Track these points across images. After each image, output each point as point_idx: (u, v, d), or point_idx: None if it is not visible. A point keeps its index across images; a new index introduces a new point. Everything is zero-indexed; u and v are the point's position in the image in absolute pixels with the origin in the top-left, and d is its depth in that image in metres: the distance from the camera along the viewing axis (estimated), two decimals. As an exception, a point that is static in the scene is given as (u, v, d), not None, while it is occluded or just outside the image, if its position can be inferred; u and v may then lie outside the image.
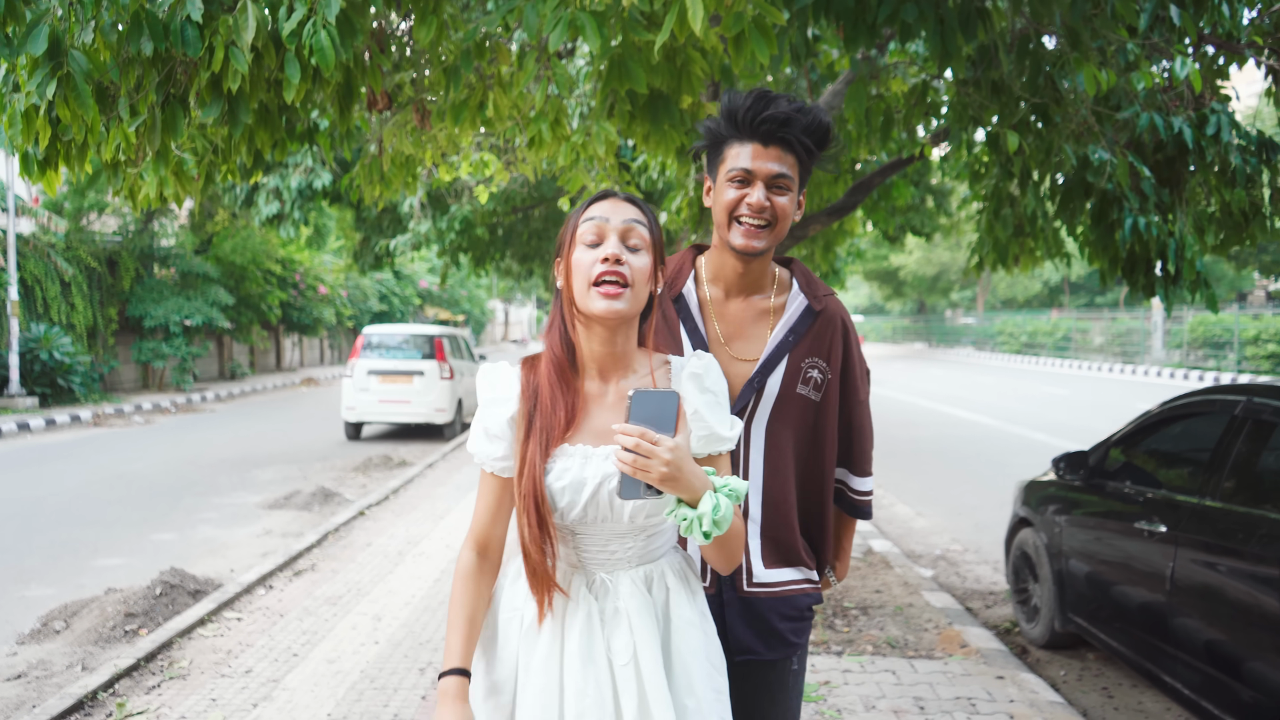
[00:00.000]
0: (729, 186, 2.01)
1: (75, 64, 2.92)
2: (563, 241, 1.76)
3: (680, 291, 2.13)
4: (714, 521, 1.58)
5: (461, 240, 14.35)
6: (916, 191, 12.08)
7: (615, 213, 1.71)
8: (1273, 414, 3.71)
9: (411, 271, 40.85)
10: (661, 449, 1.56)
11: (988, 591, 6.41)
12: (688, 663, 1.75)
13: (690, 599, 1.81)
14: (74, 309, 18.99)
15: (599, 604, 1.73)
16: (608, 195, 1.75)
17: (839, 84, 5.32)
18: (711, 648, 1.82)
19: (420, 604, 5.81)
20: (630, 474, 1.58)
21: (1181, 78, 3.90)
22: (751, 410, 2.07)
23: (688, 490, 1.60)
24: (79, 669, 4.85)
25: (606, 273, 1.66)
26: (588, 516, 1.71)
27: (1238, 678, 3.42)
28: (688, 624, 1.77)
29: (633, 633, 1.70)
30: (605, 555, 1.76)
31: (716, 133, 2.04)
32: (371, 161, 5.49)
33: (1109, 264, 4.90)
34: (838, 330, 2.14)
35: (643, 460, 1.56)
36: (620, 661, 1.69)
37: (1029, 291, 50.38)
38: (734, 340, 2.10)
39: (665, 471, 1.56)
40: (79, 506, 9.05)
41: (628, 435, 1.57)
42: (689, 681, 1.73)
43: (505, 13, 3.48)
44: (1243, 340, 24.53)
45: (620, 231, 1.70)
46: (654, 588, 1.78)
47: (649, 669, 1.68)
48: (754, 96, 1.97)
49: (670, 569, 1.82)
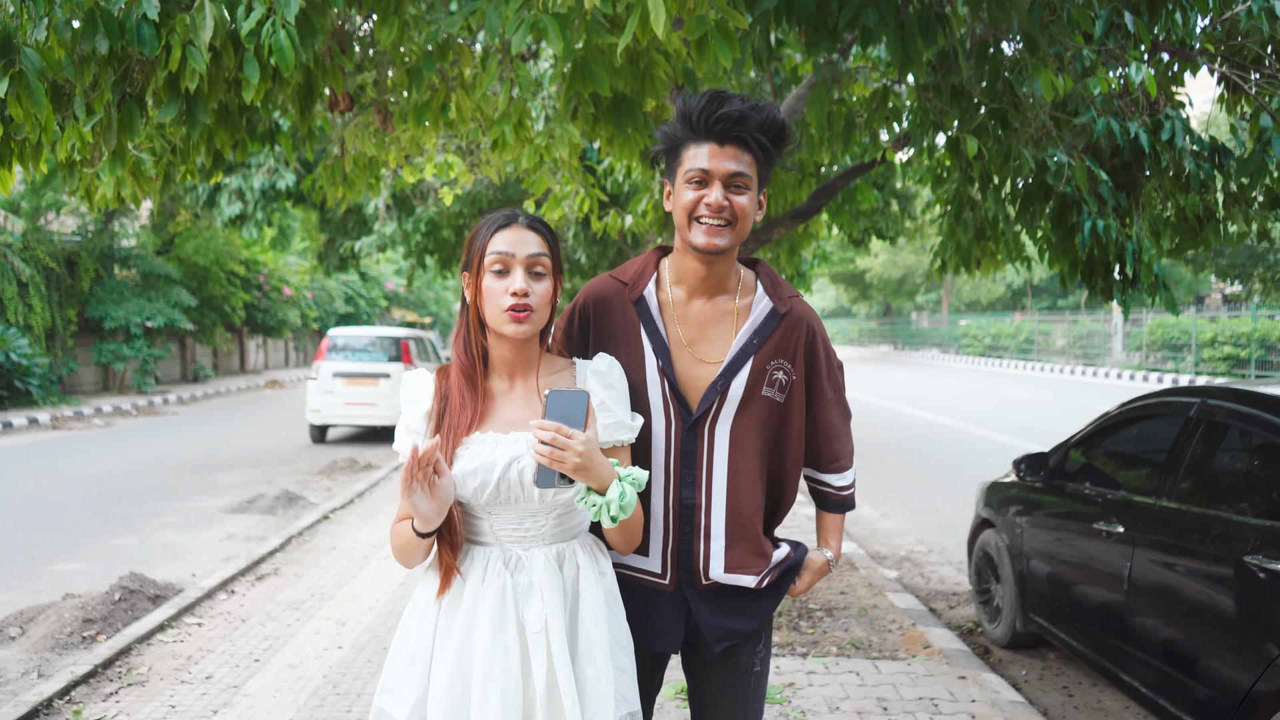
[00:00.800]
0: (687, 188, 2.00)
1: (28, 61, 2.87)
2: (469, 261, 1.95)
3: (641, 294, 2.12)
4: (620, 507, 1.78)
5: (427, 242, 14.28)
6: (881, 195, 12.18)
7: (520, 247, 1.90)
8: (1226, 416, 3.77)
9: (378, 273, 40.58)
10: (575, 442, 1.74)
11: (951, 592, 6.46)
12: (590, 635, 1.90)
13: (598, 578, 1.96)
14: (31, 310, 18.67)
15: (513, 578, 1.90)
16: (511, 221, 1.92)
17: (802, 88, 5.35)
18: (617, 626, 1.97)
19: (384, 608, 5.76)
20: (547, 464, 1.75)
21: (1137, 83, 3.96)
22: (715, 412, 2.07)
23: (596, 479, 1.79)
24: (34, 676, 4.76)
25: (515, 305, 1.87)
26: (500, 496, 1.88)
27: (1193, 676, 3.47)
28: (593, 599, 1.93)
29: (544, 604, 1.88)
30: (520, 533, 1.93)
31: (673, 136, 2.04)
32: (334, 163, 5.45)
33: (1069, 267, 4.96)
34: (803, 332, 2.13)
35: (558, 453, 1.74)
36: (533, 630, 1.87)
37: (992, 294, 50.90)
38: (697, 343, 2.10)
39: (578, 462, 1.75)
40: (36, 511, 8.89)
41: (544, 430, 1.75)
42: (590, 652, 1.89)
43: (468, 14, 3.46)
44: (1200, 343, 24.94)
45: (525, 264, 1.90)
46: (565, 565, 1.94)
47: (556, 637, 1.86)
48: (708, 97, 1.97)
49: (581, 548, 1.98)
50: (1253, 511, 3.46)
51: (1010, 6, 3.63)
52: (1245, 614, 3.23)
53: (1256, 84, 4.73)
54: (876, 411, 18.57)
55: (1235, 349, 23.58)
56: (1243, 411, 3.70)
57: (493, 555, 1.92)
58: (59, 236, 20.16)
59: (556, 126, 4.52)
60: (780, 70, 6.48)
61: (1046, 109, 4.54)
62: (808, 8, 3.39)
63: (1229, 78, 4.79)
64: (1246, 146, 4.95)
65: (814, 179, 7.71)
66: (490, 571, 1.90)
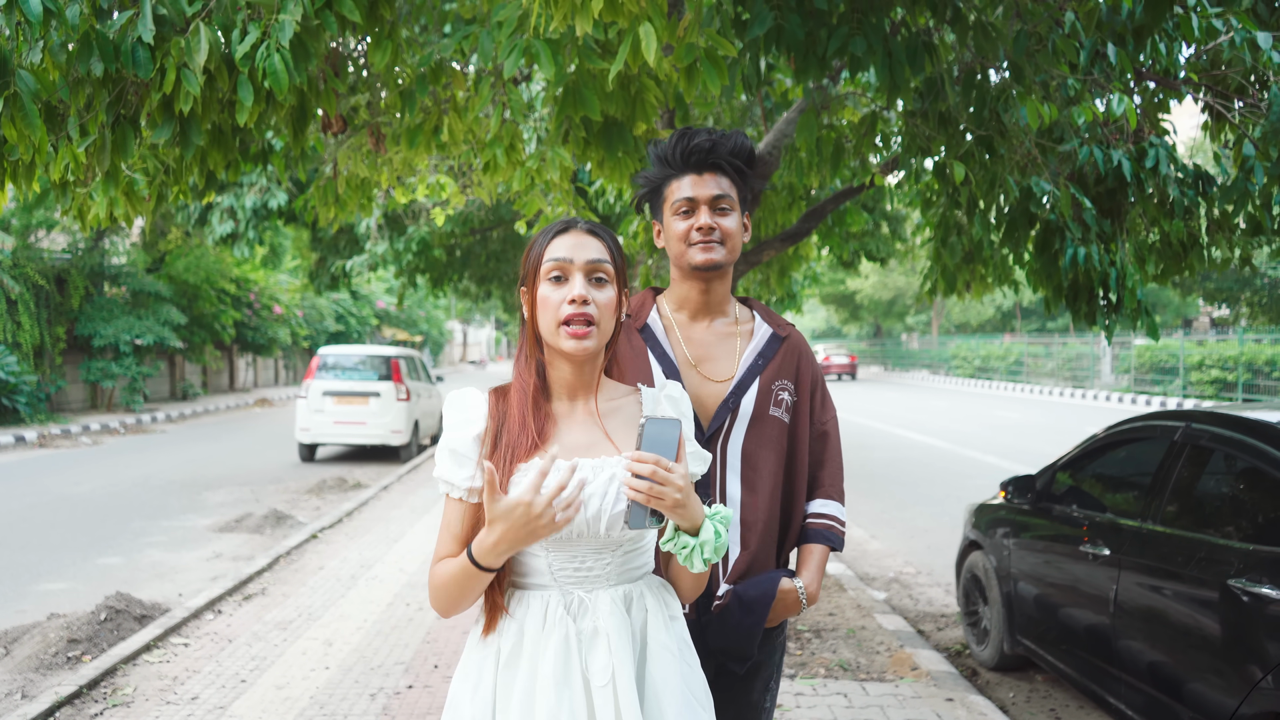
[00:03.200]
0: (676, 219, 2.13)
1: (22, 84, 2.88)
2: (526, 272, 1.77)
3: (645, 322, 2.20)
4: (715, 549, 1.61)
5: (419, 261, 14.29)
6: (871, 217, 12.23)
7: (579, 252, 1.72)
8: (1210, 440, 3.80)
9: (369, 292, 40.54)
10: (675, 476, 1.57)
11: (939, 614, 6.47)
12: (659, 689, 1.70)
13: (667, 624, 1.76)
14: (20, 327, 18.59)
15: (576, 624, 1.68)
16: (570, 227, 1.75)
17: (791, 112, 5.41)
18: (693, 679, 1.76)
19: (372, 628, 5.74)
20: (644, 502, 1.57)
21: (1118, 114, 4.02)
22: (726, 431, 2.11)
23: (690, 518, 1.61)
24: (18, 697, 4.73)
25: (574, 315, 1.68)
26: (563, 533, 1.67)
27: (1178, 699, 3.49)
28: (663, 648, 1.72)
29: (611, 653, 1.66)
30: (583, 573, 1.71)
31: (654, 179, 2.17)
32: (326, 183, 5.47)
33: (1053, 292, 5.01)
34: (802, 359, 2.23)
35: (658, 488, 1.56)
36: (599, 683, 1.65)
37: (982, 316, 51.10)
38: (703, 362, 2.16)
39: (678, 499, 1.57)
40: (21, 529, 8.84)
41: (642, 463, 1.57)
42: (659, 707, 1.68)
43: (461, 38, 3.51)
44: (1188, 366, 25.06)
45: (585, 270, 1.71)
46: (633, 609, 1.73)
47: (625, 691, 1.64)
48: (677, 135, 2.12)
49: (649, 590, 1.77)
50: (1237, 535, 3.49)
51: (996, 36, 3.69)
52: (1230, 637, 3.26)
53: (1240, 112, 4.80)
54: (866, 432, 18.61)
55: (1222, 372, 23.70)
56: (1227, 436, 3.73)
57: (552, 599, 1.70)
58: (49, 254, 20.11)
59: (548, 149, 4.55)
60: (771, 94, 6.54)
61: (1032, 136, 4.60)
62: (797, 35, 3.44)
63: (1213, 106, 4.86)
64: (1230, 174, 5.02)
65: (804, 202, 7.77)
66: (551, 618, 1.68)
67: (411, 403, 14.49)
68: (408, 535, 8.57)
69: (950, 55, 4.44)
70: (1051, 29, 4.02)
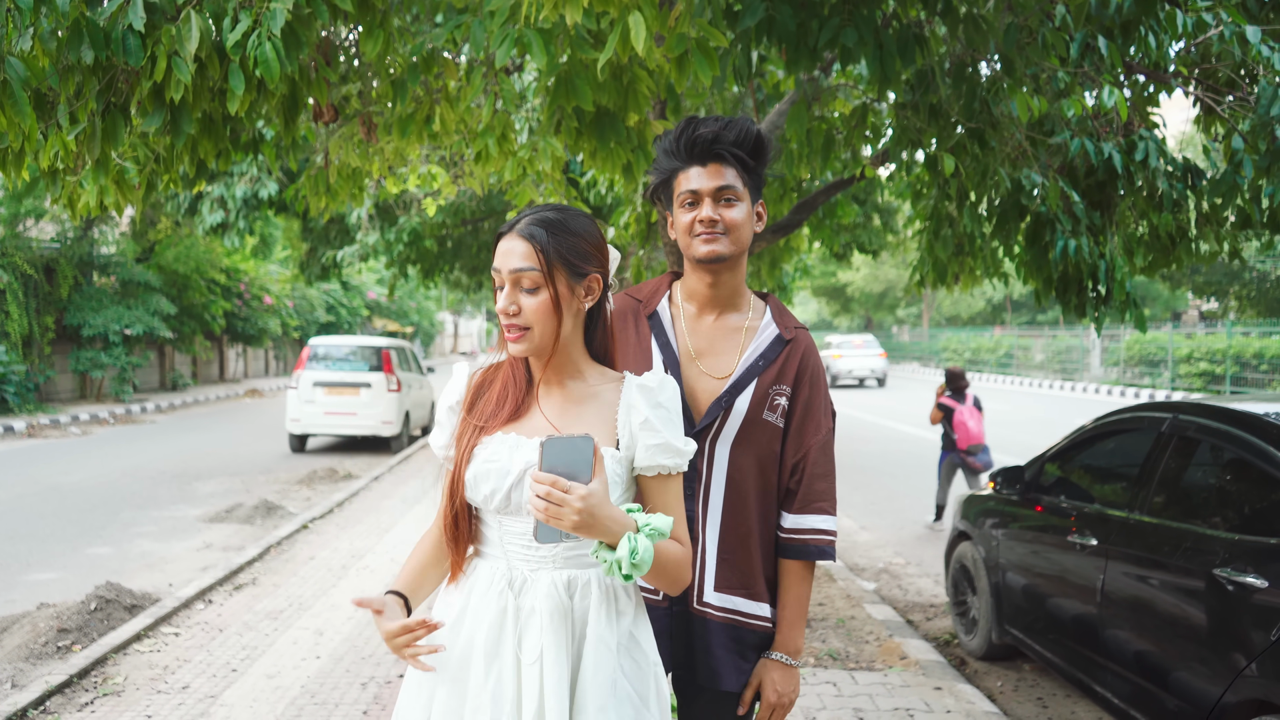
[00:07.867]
0: (682, 211, 2.11)
1: (12, 71, 2.87)
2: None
3: (655, 309, 2.20)
4: (632, 564, 1.58)
5: (410, 252, 14.25)
6: (862, 209, 12.26)
7: (505, 260, 1.75)
8: (1197, 431, 3.83)
9: (360, 283, 40.42)
10: (572, 498, 1.56)
11: (928, 604, 6.51)
12: (586, 679, 1.70)
13: (611, 619, 1.75)
14: (8, 317, 18.49)
15: (516, 600, 1.73)
16: (507, 231, 1.78)
17: (783, 104, 5.41)
18: (634, 674, 1.76)
19: (363, 618, 5.75)
20: (544, 520, 1.58)
21: (1109, 106, 4.03)
22: (717, 430, 2.08)
23: (605, 534, 1.60)
24: (8, 686, 4.73)
25: (508, 324, 1.76)
26: (511, 506, 1.73)
27: (1164, 687, 3.52)
28: (599, 640, 1.72)
29: (542, 633, 1.69)
30: (530, 551, 1.75)
31: (663, 169, 2.15)
32: (317, 173, 5.46)
33: (1043, 284, 5.03)
34: (805, 363, 2.15)
35: (554, 509, 1.57)
36: (527, 660, 1.69)
37: (973, 309, 51.21)
38: (705, 356, 2.14)
39: (577, 520, 1.56)
40: (11, 519, 8.82)
41: (539, 484, 1.58)
42: (583, 697, 1.69)
43: (453, 28, 3.50)
44: (1176, 358, 25.18)
45: (511, 280, 1.75)
46: (576, 595, 1.74)
47: (551, 671, 1.67)
48: (682, 125, 2.10)
49: (597, 581, 1.76)
50: (1223, 525, 3.53)
51: (987, 29, 3.70)
52: (1215, 626, 3.29)
53: (1229, 106, 4.82)
54: (856, 424, 18.65)
55: (1211, 365, 23.81)
56: (1214, 427, 3.76)
57: (499, 572, 1.76)
58: (37, 243, 19.98)
59: (540, 140, 4.55)
60: (763, 86, 6.54)
61: (1022, 129, 4.62)
62: (788, 27, 3.44)
63: (1203, 100, 4.88)
64: (1219, 167, 5.04)
65: (795, 194, 7.77)
66: (493, 589, 1.75)
67: (402, 394, 14.47)
68: (398, 525, 8.58)
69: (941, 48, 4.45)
70: (1042, 22, 4.04)
